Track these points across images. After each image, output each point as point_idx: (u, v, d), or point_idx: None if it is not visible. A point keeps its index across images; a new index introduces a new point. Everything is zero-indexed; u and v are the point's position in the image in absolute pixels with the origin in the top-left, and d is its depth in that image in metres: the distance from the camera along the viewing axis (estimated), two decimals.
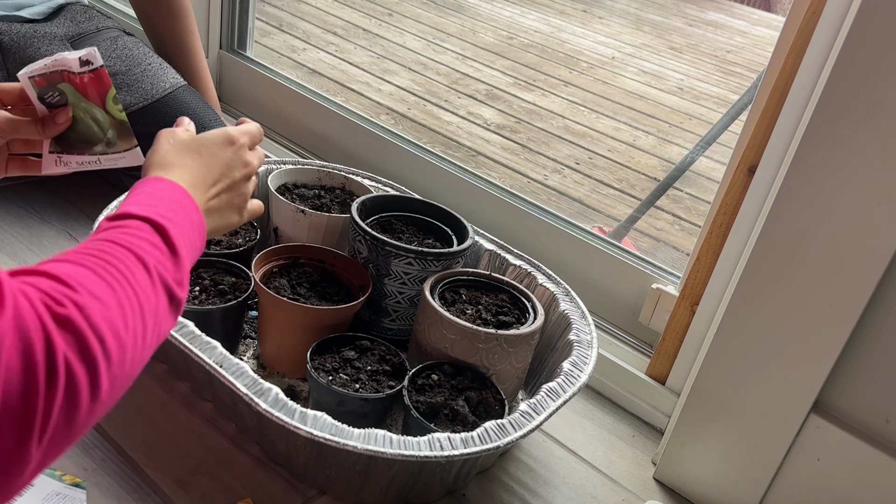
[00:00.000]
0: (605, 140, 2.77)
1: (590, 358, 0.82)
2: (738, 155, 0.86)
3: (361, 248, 0.90)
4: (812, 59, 0.75)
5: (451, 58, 3.40)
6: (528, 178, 2.37)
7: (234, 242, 0.95)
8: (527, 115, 2.88)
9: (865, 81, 0.64)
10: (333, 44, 3.29)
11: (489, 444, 0.68)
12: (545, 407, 0.74)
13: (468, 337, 0.80)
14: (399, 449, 0.66)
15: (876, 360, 0.71)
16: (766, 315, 0.74)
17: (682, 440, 0.84)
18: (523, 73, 3.33)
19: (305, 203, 1.00)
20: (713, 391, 0.80)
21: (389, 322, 0.93)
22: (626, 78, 3.51)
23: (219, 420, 0.82)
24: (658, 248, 2.09)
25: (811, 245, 0.70)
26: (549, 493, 0.82)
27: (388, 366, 0.82)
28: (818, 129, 0.67)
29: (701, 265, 0.90)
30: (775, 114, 0.80)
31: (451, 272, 0.89)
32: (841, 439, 0.73)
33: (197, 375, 0.82)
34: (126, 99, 1.08)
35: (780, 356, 0.74)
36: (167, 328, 0.52)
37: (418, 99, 2.86)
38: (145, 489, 0.72)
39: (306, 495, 0.75)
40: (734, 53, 4.39)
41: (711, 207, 0.92)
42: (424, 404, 0.76)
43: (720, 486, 0.82)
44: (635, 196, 2.37)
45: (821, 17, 0.75)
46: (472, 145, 2.54)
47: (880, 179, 0.65)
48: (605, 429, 0.94)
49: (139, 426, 0.79)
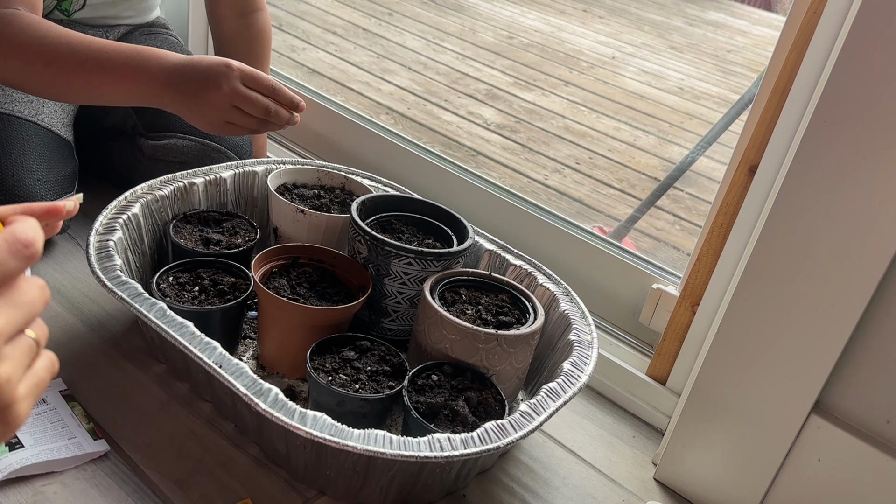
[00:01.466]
0: (606, 140, 2.77)
1: (590, 358, 0.82)
2: (738, 155, 0.86)
3: (361, 248, 0.90)
4: (813, 58, 0.75)
5: (451, 57, 3.40)
6: (528, 178, 2.37)
7: (233, 242, 0.95)
8: (527, 114, 2.88)
9: (866, 81, 0.64)
10: (333, 43, 3.29)
11: (489, 445, 0.68)
12: (545, 407, 0.74)
13: (468, 337, 0.80)
14: (399, 449, 0.66)
15: (877, 361, 0.71)
16: (766, 315, 0.74)
17: (683, 441, 0.84)
18: (523, 72, 3.33)
19: (305, 203, 1.00)
20: (714, 391, 0.80)
21: (389, 322, 0.92)
22: (626, 77, 3.51)
23: (218, 420, 0.82)
24: (658, 248, 2.09)
25: (812, 245, 0.70)
26: (550, 494, 0.82)
27: (388, 366, 0.81)
28: (819, 129, 0.67)
29: (701, 265, 0.90)
30: (776, 113, 0.80)
31: (451, 272, 0.89)
32: (841, 440, 0.73)
33: (196, 376, 0.82)
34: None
35: (780, 356, 0.74)
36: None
37: (418, 98, 2.86)
38: (145, 489, 0.72)
39: (306, 496, 0.75)
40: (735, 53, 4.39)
41: (712, 207, 0.92)
42: (424, 405, 0.76)
43: (721, 486, 0.82)
44: (636, 196, 2.37)
45: (821, 16, 0.75)
46: (472, 145, 2.54)
47: (881, 179, 0.65)
48: (606, 429, 0.94)
49: (138, 426, 0.79)
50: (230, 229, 0.97)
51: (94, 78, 0.85)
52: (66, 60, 0.84)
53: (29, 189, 0.96)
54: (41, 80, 0.86)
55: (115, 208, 0.90)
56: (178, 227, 0.94)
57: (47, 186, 0.98)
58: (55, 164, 1.00)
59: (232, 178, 1.03)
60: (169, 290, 0.85)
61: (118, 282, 0.79)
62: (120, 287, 0.79)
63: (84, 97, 0.88)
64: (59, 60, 0.84)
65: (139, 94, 0.86)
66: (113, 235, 0.86)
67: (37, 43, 0.84)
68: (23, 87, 0.88)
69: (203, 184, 1.00)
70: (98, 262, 0.81)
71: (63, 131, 1.05)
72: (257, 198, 1.08)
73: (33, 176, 0.97)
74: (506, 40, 3.79)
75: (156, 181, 0.96)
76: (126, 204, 0.92)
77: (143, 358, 0.88)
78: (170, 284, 0.86)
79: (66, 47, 0.84)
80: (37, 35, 0.84)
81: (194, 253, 0.91)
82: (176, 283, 0.87)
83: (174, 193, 0.97)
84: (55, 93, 0.88)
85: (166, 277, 0.87)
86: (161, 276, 0.86)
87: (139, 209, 0.92)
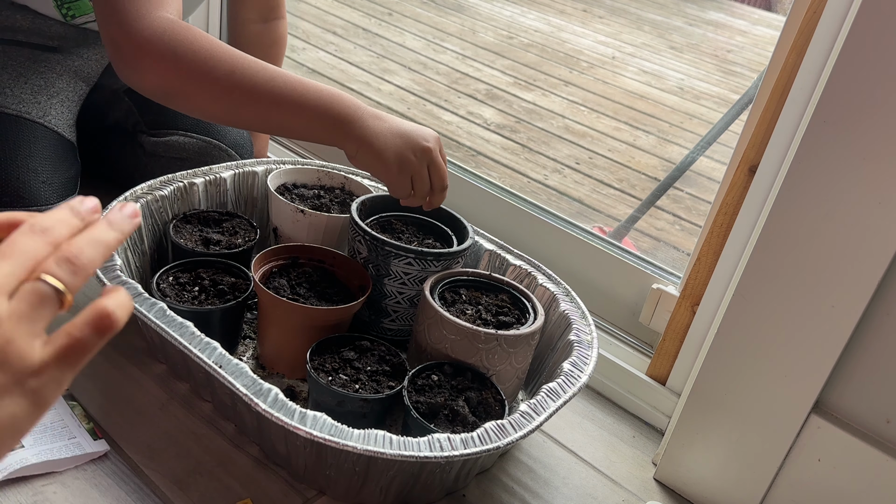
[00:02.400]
0: (606, 140, 2.77)
1: (590, 358, 0.82)
2: (738, 155, 0.86)
3: (361, 248, 0.90)
4: (813, 58, 0.75)
5: (450, 57, 3.40)
6: (528, 178, 2.37)
7: (233, 242, 0.95)
8: (527, 114, 2.88)
9: (866, 81, 0.64)
10: (333, 43, 3.29)
11: (489, 445, 0.68)
12: (545, 407, 0.74)
13: (468, 337, 0.80)
14: (399, 449, 0.66)
15: (877, 361, 0.71)
16: (766, 315, 0.74)
17: (683, 441, 0.84)
18: (523, 72, 3.33)
19: (305, 203, 1.00)
20: (714, 391, 0.80)
21: (389, 322, 0.92)
22: (626, 77, 3.51)
23: (218, 420, 0.82)
24: (658, 248, 2.09)
25: (812, 245, 0.70)
26: (550, 494, 0.82)
27: (388, 366, 0.81)
28: (819, 129, 0.67)
29: (701, 265, 0.90)
30: (776, 113, 0.80)
31: (451, 272, 0.89)
32: (842, 440, 0.73)
33: (196, 376, 0.82)
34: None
35: (780, 356, 0.74)
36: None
37: (418, 98, 2.86)
38: (144, 489, 0.72)
39: (306, 496, 0.75)
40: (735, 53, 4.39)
41: (712, 207, 0.92)
42: (424, 405, 0.76)
43: (721, 486, 0.82)
44: (635, 196, 2.37)
45: (821, 16, 0.75)
46: (471, 145, 2.54)
47: (881, 179, 0.65)
48: (606, 429, 0.94)
49: (138, 426, 0.79)
50: (230, 229, 0.97)
51: (284, 111, 0.81)
52: (259, 93, 0.79)
53: (34, 192, 0.96)
54: (212, 105, 0.81)
55: (116, 203, 0.90)
56: (178, 227, 0.94)
57: (51, 189, 0.98)
58: (59, 166, 1.00)
59: (232, 178, 1.03)
60: (169, 290, 0.85)
61: (118, 282, 0.79)
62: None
63: (261, 127, 0.84)
64: (248, 91, 0.79)
65: (334, 122, 0.82)
66: None
67: (222, 67, 0.78)
68: (181, 106, 0.82)
69: (203, 184, 1.00)
70: None
71: (68, 132, 1.05)
72: (257, 198, 1.08)
73: (38, 178, 0.97)
74: (506, 40, 3.79)
75: (156, 181, 0.96)
76: (126, 204, 0.92)
77: (143, 358, 0.88)
78: (170, 284, 0.86)
79: (259, 77, 0.79)
80: (218, 56, 0.79)
81: (194, 253, 0.91)
82: (176, 283, 0.87)
83: (174, 193, 0.97)
84: (225, 118, 0.84)
85: (166, 277, 0.87)
86: (161, 276, 0.86)
87: (139, 209, 0.91)
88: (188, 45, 0.78)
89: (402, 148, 0.83)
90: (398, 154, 0.83)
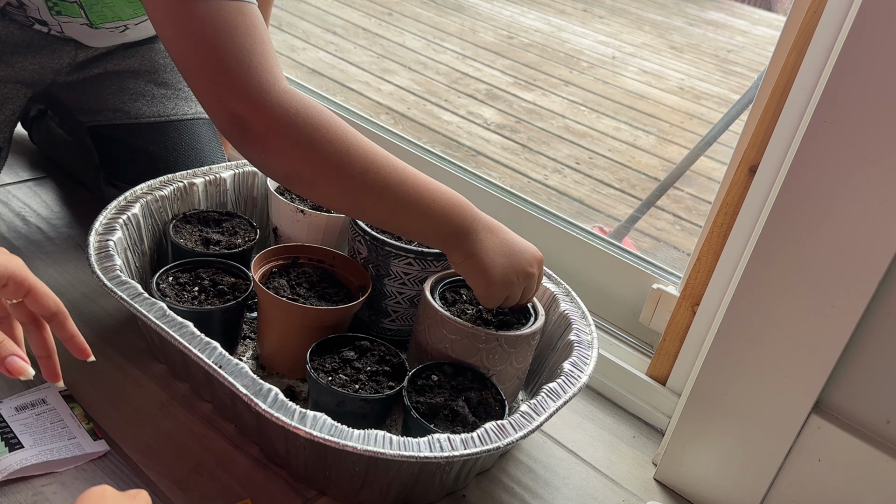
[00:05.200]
0: (606, 140, 2.77)
1: (590, 358, 0.82)
2: (738, 155, 0.86)
3: (361, 248, 0.90)
4: (813, 58, 0.75)
5: (450, 57, 3.40)
6: (528, 178, 2.37)
7: (233, 242, 0.95)
8: (527, 114, 2.88)
9: (866, 81, 0.64)
10: (333, 43, 3.29)
11: (489, 445, 0.68)
12: (545, 408, 0.74)
13: (468, 337, 0.80)
14: (399, 450, 0.66)
15: (877, 361, 0.70)
16: (767, 315, 0.74)
17: (683, 441, 0.84)
18: (523, 72, 3.34)
19: (305, 203, 1.00)
20: (714, 392, 0.80)
21: (389, 322, 0.92)
22: (626, 77, 3.51)
23: (218, 421, 0.82)
24: (659, 248, 2.09)
25: (812, 245, 0.70)
26: (550, 494, 0.82)
27: (388, 366, 0.81)
28: (819, 129, 0.67)
29: (702, 265, 0.90)
30: (776, 113, 0.80)
31: (451, 272, 0.89)
32: (842, 440, 0.73)
33: (196, 376, 0.82)
34: (142, 109, 1.08)
35: (781, 357, 0.74)
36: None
37: (418, 98, 2.86)
38: (144, 490, 0.72)
39: (306, 496, 0.75)
40: (735, 53, 4.39)
41: (712, 207, 0.92)
42: (424, 405, 0.75)
43: (721, 486, 0.82)
44: (636, 196, 2.37)
45: (822, 16, 0.75)
46: (472, 145, 2.54)
47: (881, 179, 0.65)
48: (606, 429, 0.94)
49: (138, 426, 0.79)
50: (230, 229, 0.97)
51: (407, 217, 0.76)
52: (388, 196, 0.74)
53: None
54: (339, 199, 0.75)
55: (114, 208, 0.90)
56: (177, 227, 0.94)
57: None
58: None
59: (232, 178, 1.03)
60: (169, 290, 0.85)
61: (118, 282, 0.79)
62: (120, 287, 0.79)
63: (381, 224, 0.79)
64: (378, 193, 0.74)
65: (449, 233, 0.78)
66: (113, 235, 0.86)
67: (357, 164, 0.72)
68: (304, 192, 0.75)
69: (203, 184, 1.00)
70: (98, 263, 0.81)
71: None
72: (257, 198, 1.08)
73: None
74: (506, 40, 3.79)
75: (156, 181, 0.96)
76: (126, 204, 0.92)
77: (143, 358, 0.88)
78: (169, 284, 0.86)
79: (391, 179, 0.74)
80: (354, 152, 0.73)
81: (194, 253, 0.91)
82: (176, 283, 0.87)
83: (174, 193, 0.97)
84: (348, 212, 0.78)
85: (166, 277, 0.87)
86: (161, 277, 0.86)
87: (139, 209, 0.92)
88: (324, 132, 0.71)
89: (506, 269, 0.80)
90: (502, 275, 0.80)
